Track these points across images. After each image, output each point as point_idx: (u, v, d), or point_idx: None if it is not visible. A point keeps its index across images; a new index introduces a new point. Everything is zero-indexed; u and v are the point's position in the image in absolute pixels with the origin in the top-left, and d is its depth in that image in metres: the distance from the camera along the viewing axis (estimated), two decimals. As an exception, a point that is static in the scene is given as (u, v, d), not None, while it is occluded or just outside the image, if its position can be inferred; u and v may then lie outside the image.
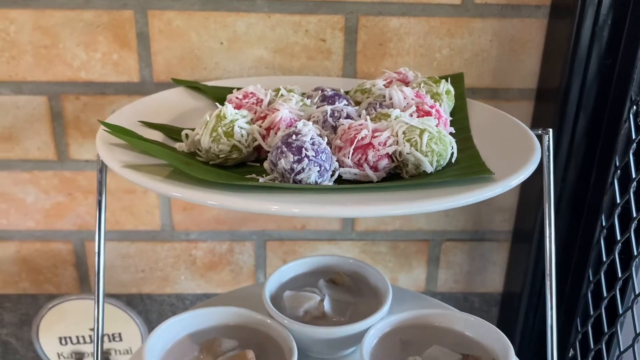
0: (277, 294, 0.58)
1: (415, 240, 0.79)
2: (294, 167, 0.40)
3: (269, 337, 0.53)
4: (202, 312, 0.54)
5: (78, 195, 0.74)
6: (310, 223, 0.77)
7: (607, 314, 0.66)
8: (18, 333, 0.82)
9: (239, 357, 0.49)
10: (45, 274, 0.78)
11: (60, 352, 0.76)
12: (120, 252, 0.77)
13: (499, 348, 0.50)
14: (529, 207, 0.76)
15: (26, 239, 0.76)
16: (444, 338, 0.53)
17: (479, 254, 0.80)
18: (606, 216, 0.66)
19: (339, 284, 0.61)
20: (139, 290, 0.80)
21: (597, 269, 0.68)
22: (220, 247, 0.78)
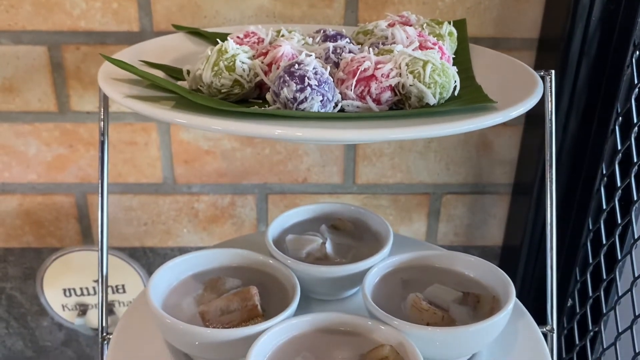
0: (280, 238, 0.59)
1: (416, 194, 0.79)
2: (296, 97, 0.40)
3: (272, 277, 0.54)
4: (205, 253, 0.55)
5: (79, 147, 0.74)
6: (312, 176, 0.77)
7: (606, 261, 0.67)
8: (22, 287, 0.83)
9: (242, 293, 0.49)
10: (47, 227, 0.79)
11: (65, 304, 0.77)
12: (122, 205, 0.78)
13: (500, 286, 0.51)
14: (530, 159, 0.76)
15: (28, 192, 0.77)
16: (445, 278, 0.54)
17: (479, 207, 0.80)
18: (607, 164, 0.66)
19: (341, 229, 0.61)
20: (141, 244, 0.80)
21: (596, 218, 0.68)
22: (222, 201, 0.78)
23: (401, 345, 0.44)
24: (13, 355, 0.87)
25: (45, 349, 0.87)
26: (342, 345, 0.46)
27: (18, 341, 0.86)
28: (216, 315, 0.48)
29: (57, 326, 0.85)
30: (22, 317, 0.85)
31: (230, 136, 0.74)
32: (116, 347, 0.50)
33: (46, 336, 0.86)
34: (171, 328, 0.46)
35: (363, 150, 0.76)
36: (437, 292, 0.51)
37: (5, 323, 0.85)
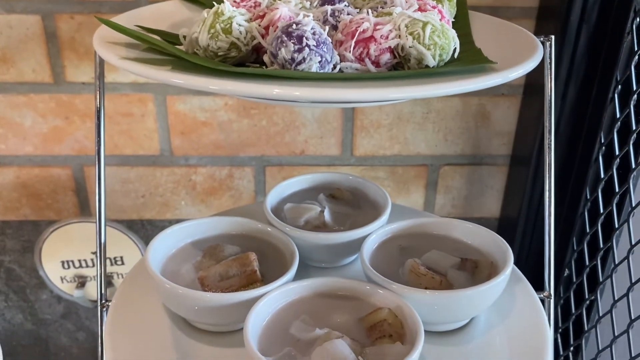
0: (278, 207, 0.59)
1: (413, 165, 0.79)
2: (294, 57, 0.39)
3: (270, 245, 0.54)
4: (204, 221, 0.55)
5: (76, 119, 0.74)
6: (309, 148, 0.77)
7: (603, 230, 0.67)
8: (21, 260, 0.83)
9: (241, 259, 0.49)
10: (45, 200, 0.79)
11: (64, 276, 0.77)
12: (120, 177, 0.77)
13: (498, 252, 0.51)
14: (528, 131, 0.76)
15: (25, 164, 0.76)
16: (443, 245, 0.54)
17: (477, 178, 0.80)
18: (605, 133, 0.66)
19: (339, 199, 0.61)
20: (139, 216, 0.80)
21: (594, 187, 0.68)
22: (219, 173, 0.78)
23: (399, 308, 0.44)
24: (13, 328, 0.88)
25: (45, 322, 0.88)
26: (340, 309, 0.46)
27: (17, 314, 0.87)
28: (215, 281, 0.48)
29: (56, 299, 0.86)
30: (21, 290, 0.85)
31: (227, 107, 0.73)
32: (115, 314, 0.50)
33: (45, 309, 0.86)
34: (170, 293, 0.46)
35: (361, 122, 0.75)
36: (435, 258, 0.51)
37: (5, 296, 0.85)
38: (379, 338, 0.43)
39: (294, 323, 0.44)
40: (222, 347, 0.48)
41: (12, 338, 0.89)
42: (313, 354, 0.41)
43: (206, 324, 0.49)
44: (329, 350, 0.40)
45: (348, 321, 0.45)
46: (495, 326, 0.50)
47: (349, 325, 0.44)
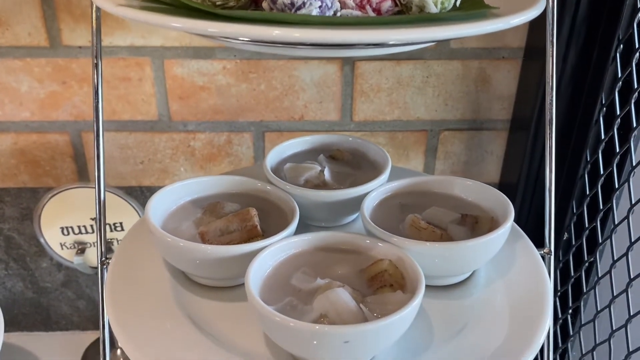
0: (278, 167, 0.59)
1: (413, 131, 0.79)
2: (294, 2, 0.39)
3: (270, 203, 0.54)
4: (204, 179, 0.55)
5: (73, 83, 0.73)
6: (309, 113, 0.77)
7: (603, 192, 0.67)
8: (20, 227, 0.83)
9: (241, 214, 0.49)
10: (43, 166, 0.78)
11: (63, 243, 0.77)
12: (118, 143, 0.77)
13: (499, 208, 0.51)
14: (528, 95, 0.75)
15: (22, 130, 0.76)
16: (443, 202, 0.54)
17: (477, 143, 0.80)
18: (606, 93, 0.65)
19: (339, 159, 0.61)
20: (138, 183, 0.80)
21: (595, 148, 0.68)
22: (218, 139, 0.78)
23: (400, 260, 0.44)
24: (13, 296, 0.88)
25: (46, 290, 0.88)
26: (341, 262, 0.46)
27: (18, 282, 0.87)
28: (215, 236, 0.48)
29: (57, 267, 0.86)
30: (21, 258, 0.85)
31: (225, 71, 0.73)
32: (115, 271, 0.50)
33: (46, 277, 0.87)
34: (171, 247, 0.46)
35: (360, 86, 0.75)
36: (436, 214, 0.51)
37: (5, 264, 0.85)
38: (380, 288, 0.43)
39: (294, 275, 0.44)
40: (223, 302, 0.48)
41: (13, 306, 0.89)
42: (314, 302, 0.41)
43: (207, 279, 0.49)
44: (330, 297, 0.40)
45: (349, 273, 0.45)
46: (495, 280, 0.50)
47: (349, 277, 0.44)
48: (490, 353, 0.42)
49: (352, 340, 0.37)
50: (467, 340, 0.44)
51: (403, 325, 0.39)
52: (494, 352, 0.43)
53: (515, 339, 0.44)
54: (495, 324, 0.46)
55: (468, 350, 0.43)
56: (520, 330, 0.44)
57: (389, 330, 0.38)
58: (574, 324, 0.75)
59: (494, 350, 0.43)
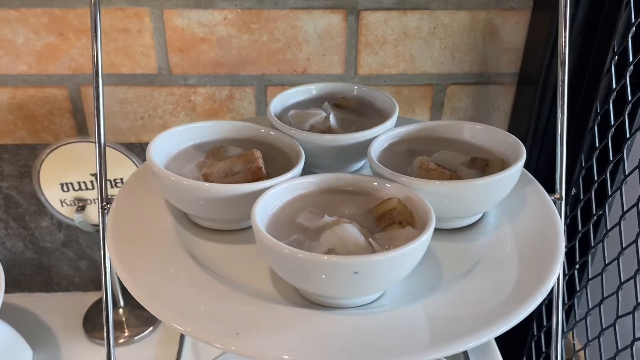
0: (281, 115, 0.57)
1: (419, 85, 0.77)
2: None
3: (275, 148, 0.52)
4: (207, 124, 0.54)
5: (70, 35, 0.71)
6: (312, 66, 0.75)
7: (614, 143, 0.66)
8: (19, 186, 0.81)
9: (246, 156, 0.48)
10: (41, 122, 0.77)
11: (63, 199, 0.76)
12: (117, 97, 0.75)
13: (509, 150, 0.50)
14: (537, 47, 0.73)
15: (19, 84, 0.74)
16: (453, 147, 0.52)
17: (484, 98, 0.78)
18: (619, 41, 0.64)
19: (344, 107, 0.59)
20: (138, 139, 0.79)
21: (605, 99, 0.66)
22: (219, 93, 0.76)
23: (409, 199, 0.43)
24: (14, 256, 0.87)
25: (46, 250, 0.87)
26: (348, 202, 0.45)
27: (18, 242, 0.86)
28: (219, 177, 0.47)
29: (57, 226, 0.85)
30: (20, 218, 0.84)
31: (226, 22, 0.71)
32: (117, 213, 0.49)
33: (46, 237, 0.86)
34: (175, 187, 0.45)
35: (365, 38, 0.73)
36: (445, 157, 0.50)
37: (4, 224, 0.84)
38: (389, 225, 0.42)
39: (301, 213, 0.43)
40: (228, 244, 0.47)
41: (14, 267, 0.88)
42: (322, 237, 0.40)
43: (211, 221, 0.48)
44: (338, 232, 0.39)
45: (356, 212, 0.44)
46: (505, 224, 0.49)
47: (357, 216, 0.43)
48: (500, 293, 0.41)
49: (361, 272, 0.36)
50: (476, 280, 0.43)
51: (413, 259, 0.38)
52: (504, 293, 0.42)
53: (526, 281, 0.42)
54: (506, 266, 0.45)
55: (477, 290, 0.42)
56: (531, 271, 0.43)
57: (399, 262, 0.37)
58: (580, 280, 0.74)
59: (504, 290, 0.42)
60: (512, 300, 0.40)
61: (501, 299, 0.41)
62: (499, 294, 0.41)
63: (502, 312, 0.39)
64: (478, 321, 0.38)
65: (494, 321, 0.38)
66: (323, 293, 0.39)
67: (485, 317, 0.39)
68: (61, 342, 0.83)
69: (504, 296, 0.41)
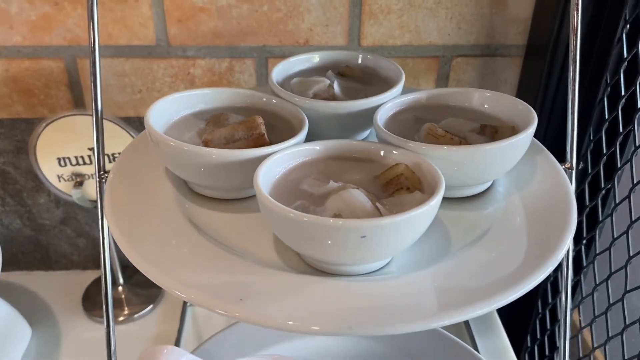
0: (284, 84, 0.55)
1: (424, 57, 0.75)
2: None
3: (278, 116, 0.51)
4: (206, 91, 0.52)
5: (66, 5, 0.69)
6: (314, 37, 0.73)
7: (624, 114, 0.64)
8: (15, 161, 0.80)
9: (247, 122, 0.46)
10: (37, 95, 0.75)
11: (60, 175, 0.75)
12: (115, 70, 0.73)
13: (519, 117, 0.48)
14: (545, 17, 0.71)
15: (14, 56, 0.72)
16: (461, 114, 0.51)
17: (490, 70, 0.77)
18: (630, 9, 0.62)
19: (349, 76, 0.58)
20: (136, 113, 0.77)
21: (616, 69, 0.65)
22: (219, 65, 0.74)
23: (417, 165, 0.42)
24: (12, 234, 0.86)
25: (44, 227, 0.86)
26: (354, 169, 0.44)
27: (15, 219, 0.85)
28: (220, 144, 0.45)
29: (55, 203, 0.83)
30: (17, 194, 0.82)
31: (226, -9, 0.69)
32: (115, 182, 0.48)
33: (44, 214, 0.84)
34: (175, 152, 0.43)
35: (369, 7, 0.71)
36: (453, 124, 0.49)
37: (1, 200, 0.83)
38: (396, 191, 0.40)
39: (305, 180, 0.42)
40: (229, 213, 0.46)
41: (12, 245, 0.87)
42: (327, 202, 0.38)
43: (212, 189, 0.47)
44: (344, 197, 0.38)
45: (363, 179, 0.43)
46: (515, 192, 0.47)
47: (364, 183, 0.42)
48: (509, 262, 0.40)
49: (369, 236, 0.35)
50: (485, 249, 0.42)
51: (422, 224, 0.37)
52: (513, 262, 0.40)
53: (536, 250, 0.41)
54: (515, 235, 0.43)
55: (486, 259, 0.41)
56: (541, 240, 0.42)
57: (407, 226, 0.36)
58: (587, 256, 0.73)
59: (513, 259, 0.40)
60: (521, 270, 0.39)
61: (510, 267, 0.39)
62: (508, 263, 0.40)
63: (510, 281, 0.38)
64: (485, 290, 0.37)
65: (501, 290, 0.37)
66: (329, 259, 0.38)
67: (492, 286, 0.38)
68: (60, 320, 0.82)
69: (513, 265, 0.40)
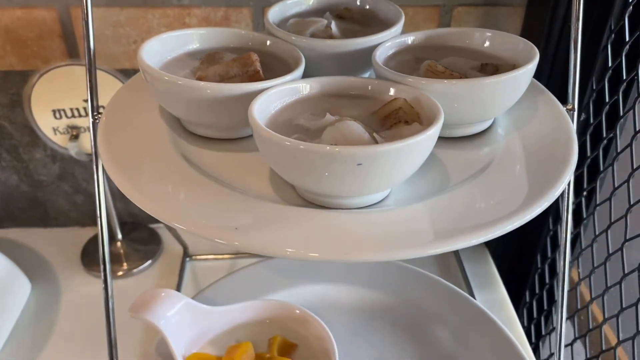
0: (280, 24, 0.54)
1: (424, 6, 0.73)
2: None
3: (274, 56, 0.50)
4: (200, 31, 0.51)
5: (56, -49, 0.67)
6: (312, -14, 0.71)
7: (628, 61, 0.63)
8: (11, 115, 0.79)
9: (242, 59, 0.45)
10: (31, 47, 0.73)
11: (56, 127, 0.74)
12: (109, 20, 0.72)
13: (520, 54, 0.47)
14: (549, -36, 0.70)
15: (5, 5, 0.70)
16: (461, 54, 0.50)
17: (492, 21, 0.75)
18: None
19: (347, 18, 0.56)
20: (132, 65, 0.76)
21: (621, 14, 0.63)
22: (215, 14, 0.72)
23: (416, 99, 0.41)
24: (8, 190, 0.86)
25: (41, 184, 0.85)
26: (351, 106, 0.43)
27: (12, 175, 0.84)
28: (214, 81, 0.44)
29: (51, 158, 0.83)
30: (13, 149, 0.82)
31: None
32: (109, 121, 0.47)
33: (40, 170, 0.84)
34: (169, 88, 0.42)
35: (368, -47, 0.69)
36: (454, 62, 0.48)
37: (-3, 156, 0.82)
38: (395, 124, 0.40)
39: (301, 115, 0.41)
40: (225, 152, 0.45)
41: (9, 201, 0.87)
42: (324, 134, 0.37)
43: (207, 127, 0.46)
44: (341, 128, 0.37)
45: (360, 115, 0.42)
46: (515, 131, 0.47)
47: (361, 118, 0.41)
48: (507, 194, 0.40)
49: (365, 163, 0.34)
50: (484, 183, 0.41)
51: (420, 153, 0.36)
52: (512, 194, 0.39)
53: (535, 184, 0.40)
54: (515, 170, 0.42)
55: (484, 191, 0.40)
56: (540, 175, 0.41)
57: (405, 155, 0.35)
58: (588, 208, 0.73)
59: (512, 191, 0.40)
60: (520, 201, 0.38)
61: (509, 199, 0.39)
62: (507, 195, 0.39)
63: (508, 212, 0.37)
64: (483, 220, 0.37)
65: (499, 220, 0.37)
66: (326, 190, 0.37)
67: (490, 216, 0.37)
68: (59, 275, 0.82)
69: (512, 197, 0.39)
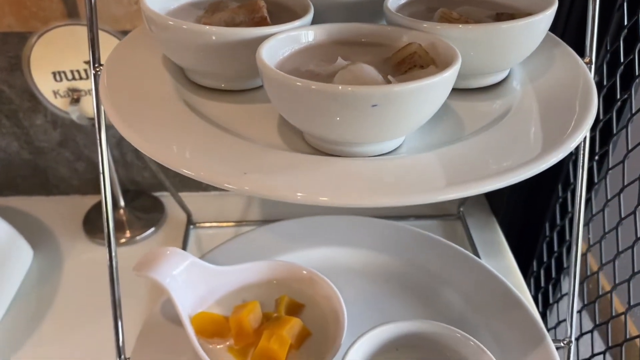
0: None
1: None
2: None
3: (280, 5, 0.48)
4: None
5: None
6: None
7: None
8: (10, 79, 0.77)
9: (249, 5, 0.44)
10: (29, 7, 0.72)
11: (56, 90, 0.72)
12: (109, -22, 0.70)
13: (535, 4, 0.45)
14: None
15: (3, -37, 0.69)
16: (476, 3, 0.48)
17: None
18: None
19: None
20: (133, 26, 0.73)
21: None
22: (219, -26, 0.70)
23: (431, 45, 0.39)
24: (9, 157, 0.84)
25: (42, 150, 0.84)
26: (364, 53, 0.41)
27: (12, 141, 0.83)
28: (220, 28, 0.43)
29: (52, 124, 0.81)
30: (13, 115, 0.80)
31: None
32: (111, 71, 0.45)
33: (41, 136, 0.82)
34: (173, 33, 0.41)
35: None
36: (468, 11, 0.46)
37: (-3, 122, 0.81)
38: (410, 69, 0.38)
39: (311, 61, 0.39)
40: (232, 103, 0.44)
41: (10, 169, 0.85)
42: (336, 76, 0.36)
43: (212, 77, 0.44)
44: (353, 70, 0.36)
45: (372, 61, 0.40)
46: (530, 82, 0.45)
47: (374, 64, 0.39)
48: (524, 143, 0.38)
49: (380, 104, 0.32)
50: (499, 132, 0.40)
51: (436, 96, 0.35)
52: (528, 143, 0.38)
53: (553, 132, 0.39)
54: (531, 119, 0.41)
55: (500, 140, 0.39)
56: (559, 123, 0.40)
57: (420, 97, 0.33)
58: (600, 172, 0.71)
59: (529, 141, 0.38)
60: (536, 150, 0.37)
61: (525, 148, 0.37)
62: (523, 144, 0.38)
63: (524, 159, 0.36)
64: (497, 167, 0.35)
65: (511, 169, 0.35)
66: (338, 136, 0.35)
67: (503, 165, 0.36)
68: (61, 242, 0.81)
69: (528, 146, 0.38)
